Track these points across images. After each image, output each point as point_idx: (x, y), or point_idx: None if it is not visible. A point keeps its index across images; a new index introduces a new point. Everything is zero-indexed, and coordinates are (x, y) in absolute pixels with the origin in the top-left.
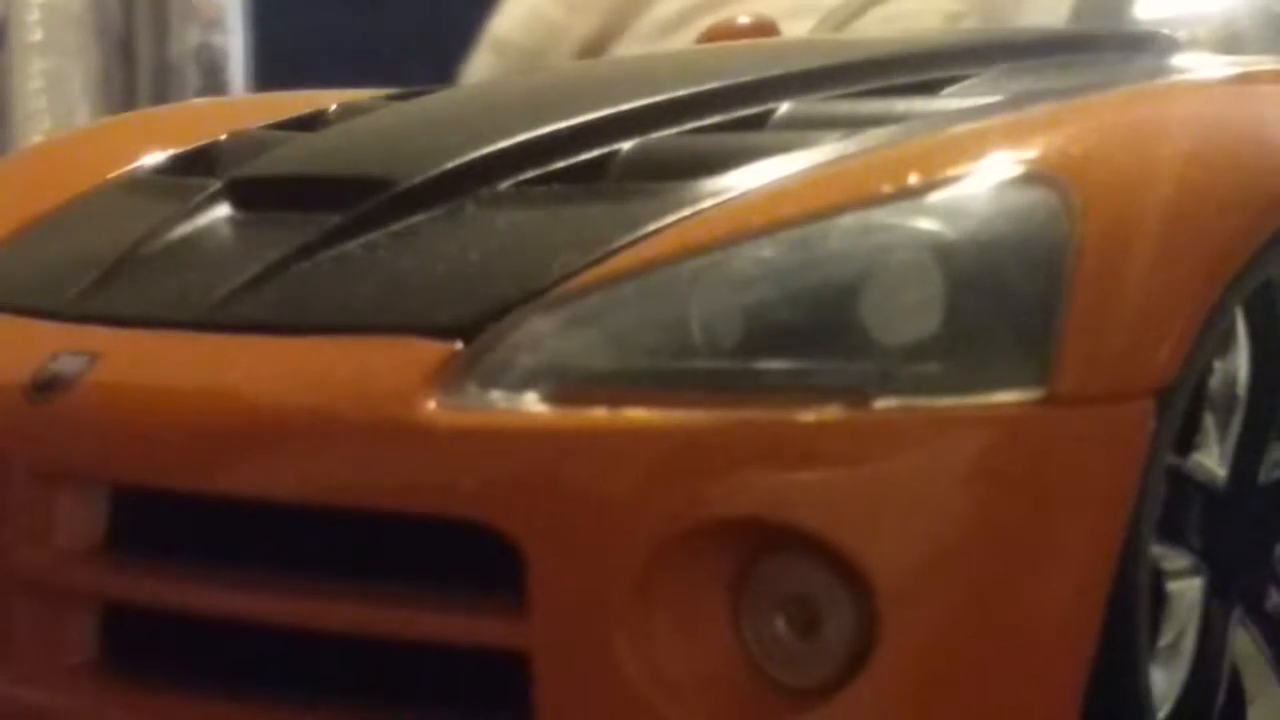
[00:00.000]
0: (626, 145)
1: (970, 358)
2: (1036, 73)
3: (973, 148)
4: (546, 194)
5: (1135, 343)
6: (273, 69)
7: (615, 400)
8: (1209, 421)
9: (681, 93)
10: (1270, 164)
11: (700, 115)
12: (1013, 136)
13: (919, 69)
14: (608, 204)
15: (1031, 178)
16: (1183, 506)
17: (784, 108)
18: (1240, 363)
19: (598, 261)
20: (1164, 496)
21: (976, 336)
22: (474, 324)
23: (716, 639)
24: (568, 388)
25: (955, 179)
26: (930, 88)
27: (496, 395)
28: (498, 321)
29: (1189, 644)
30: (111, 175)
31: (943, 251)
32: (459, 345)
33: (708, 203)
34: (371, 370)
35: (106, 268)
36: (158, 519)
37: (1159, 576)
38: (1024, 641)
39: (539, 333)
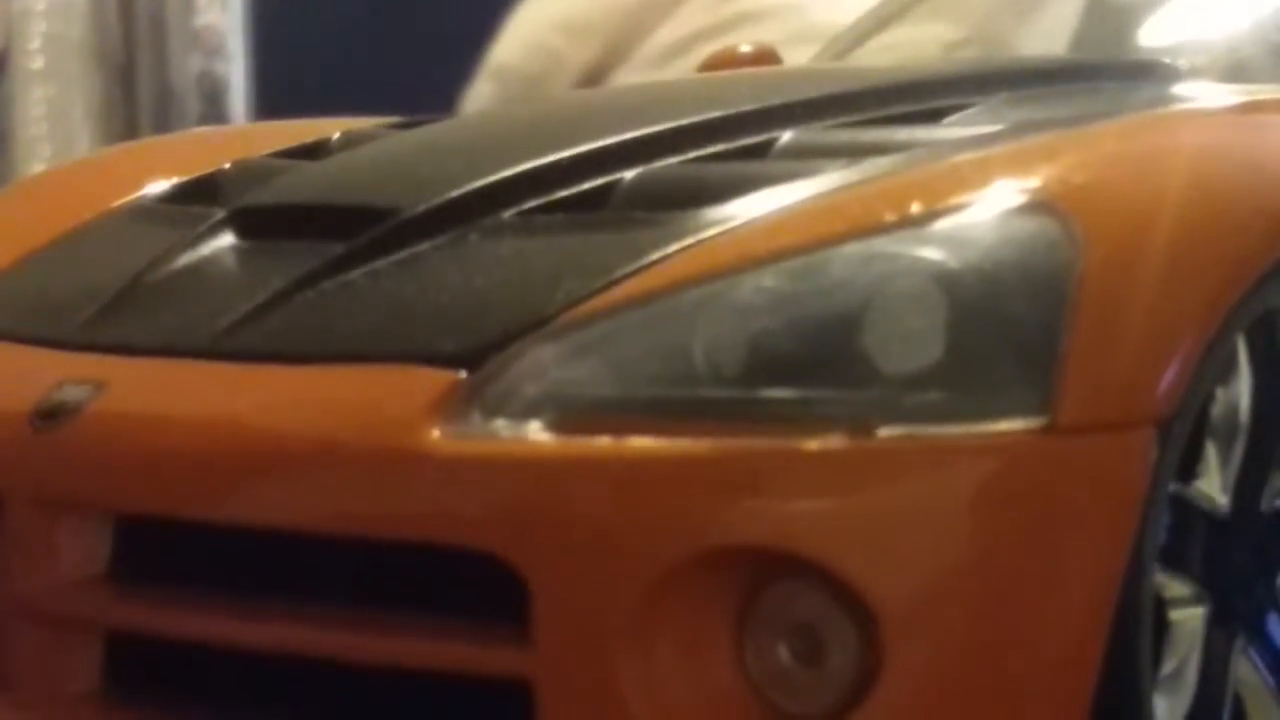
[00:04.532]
0: (629, 174)
1: (973, 386)
2: (1038, 101)
3: (975, 177)
4: (549, 223)
5: (1137, 371)
6: (274, 96)
7: (619, 429)
8: (1211, 449)
9: (684, 121)
10: (1272, 193)
11: (702, 144)
12: (1015, 165)
13: (921, 98)
14: (610, 233)
15: (1034, 207)
16: (1185, 534)
17: (786, 136)
18: (1242, 390)
19: (601, 290)
20: (1166, 525)
21: (979, 365)
22: (478, 353)
23: (720, 668)
24: (571, 416)
25: (958, 208)
26: (932, 116)
27: (500, 424)
28: (501, 350)
29: (1192, 672)
30: (116, 204)
31: (945, 280)
32: (463, 374)
33: (710, 231)
34: (375, 399)
35: (111, 296)
36: (162, 548)
37: (1161, 605)
38: (1027, 670)
39: (542, 361)
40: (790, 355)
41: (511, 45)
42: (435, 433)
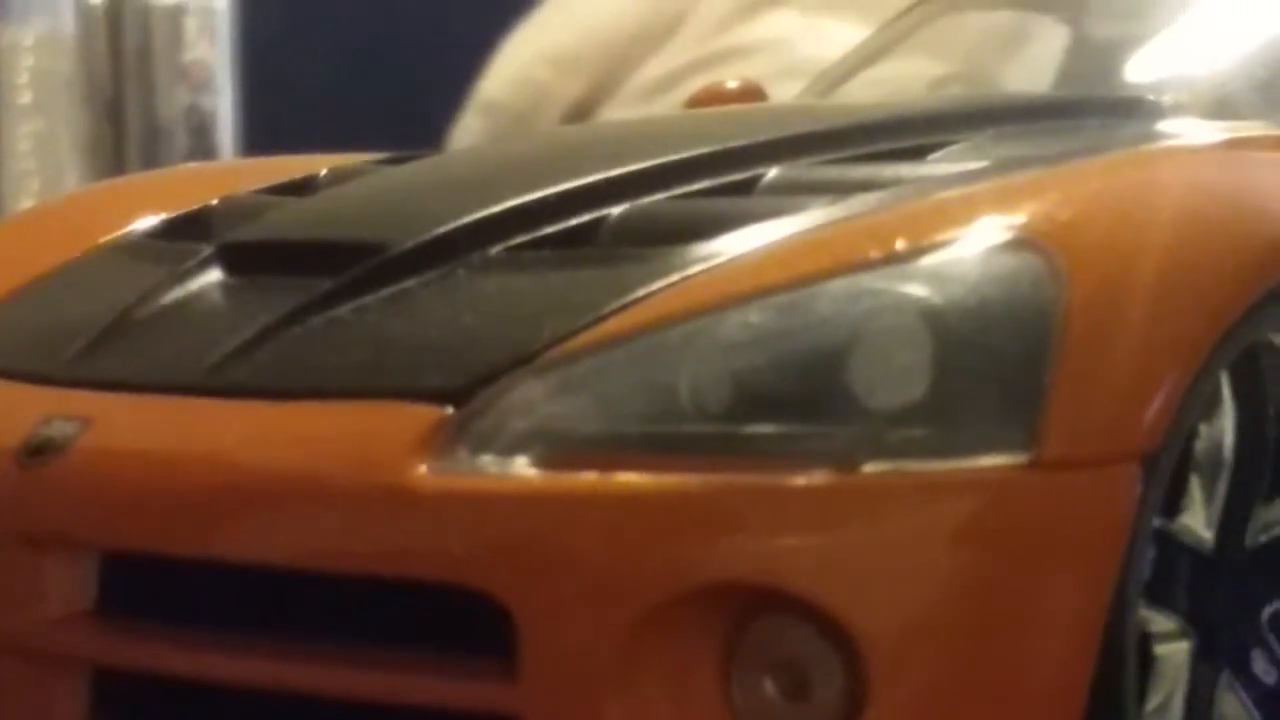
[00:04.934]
0: (616, 210)
1: (957, 422)
2: (1023, 138)
3: (960, 213)
4: (536, 259)
5: (1121, 407)
6: (262, 131)
7: (605, 464)
8: (1195, 484)
9: (670, 158)
10: (1256, 229)
11: (689, 180)
12: (1000, 202)
13: (906, 134)
14: (597, 269)
15: (1018, 243)
16: (1170, 569)
17: (772, 173)
18: (1226, 426)
19: (587, 326)
20: (1151, 559)
21: (964, 401)
22: (465, 389)
23: (706, 703)
24: (558, 452)
25: (943, 244)
26: (917, 153)
27: (487, 460)
28: (488, 386)
29: (1177, 707)
30: (104, 239)
31: (930, 317)
32: (450, 410)
33: (696, 268)
34: (363, 435)
35: (99, 332)
36: (148, 584)
37: (1146, 639)
38: (1012, 705)
39: (529, 397)
40: (776, 391)
41: (499, 80)
42: (422, 469)
